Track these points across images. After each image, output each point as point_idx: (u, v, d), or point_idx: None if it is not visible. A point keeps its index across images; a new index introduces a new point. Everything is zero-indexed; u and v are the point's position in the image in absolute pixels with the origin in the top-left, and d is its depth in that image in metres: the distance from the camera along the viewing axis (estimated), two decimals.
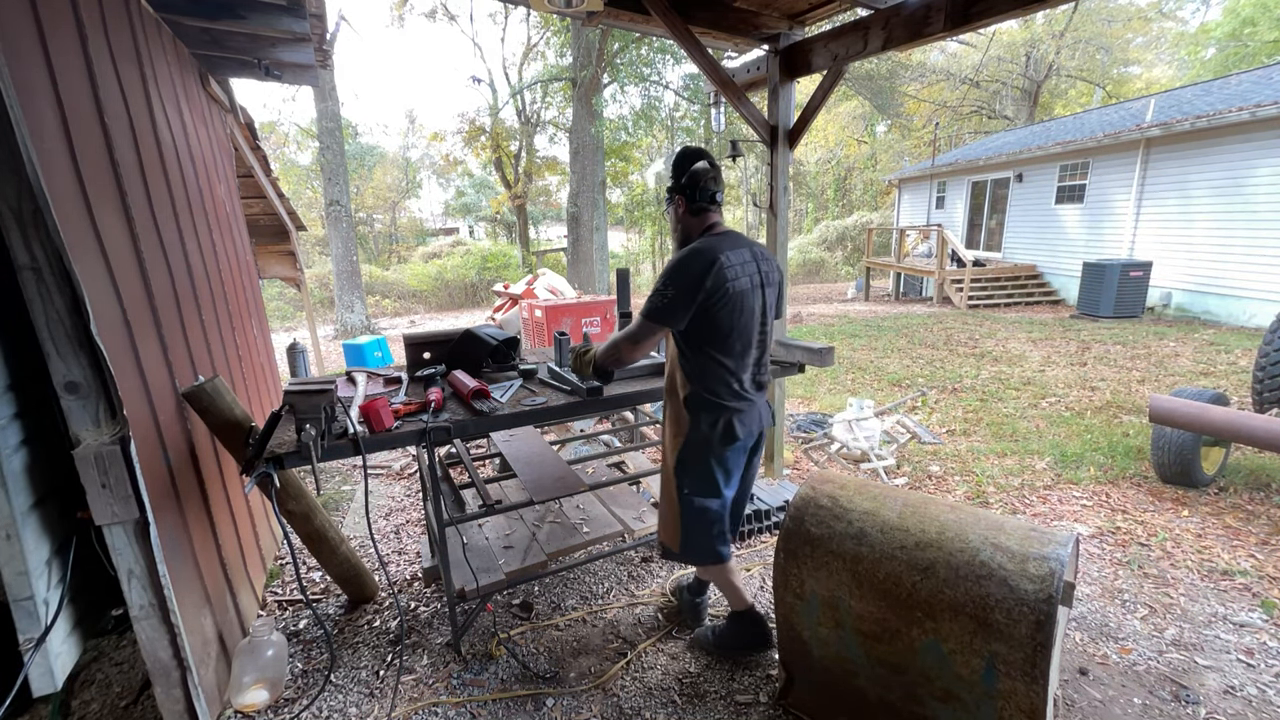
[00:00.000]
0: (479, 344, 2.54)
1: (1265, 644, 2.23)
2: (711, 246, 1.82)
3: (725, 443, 1.93)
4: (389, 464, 4.34)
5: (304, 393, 1.79)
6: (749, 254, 1.91)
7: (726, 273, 1.79)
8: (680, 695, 2.07)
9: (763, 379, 2.05)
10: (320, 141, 12.21)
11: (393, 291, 17.18)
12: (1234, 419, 3.03)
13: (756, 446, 2.13)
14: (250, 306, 3.51)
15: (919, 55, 21.04)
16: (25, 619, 1.47)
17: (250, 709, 2.01)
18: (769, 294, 1.98)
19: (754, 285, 1.90)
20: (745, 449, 2.04)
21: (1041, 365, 6.49)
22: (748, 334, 1.91)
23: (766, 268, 1.96)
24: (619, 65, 13.32)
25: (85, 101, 1.67)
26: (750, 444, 2.08)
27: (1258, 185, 8.23)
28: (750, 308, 1.90)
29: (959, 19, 2.42)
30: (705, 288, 1.77)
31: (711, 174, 1.93)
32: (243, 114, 4.00)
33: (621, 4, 2.86)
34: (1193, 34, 21.92)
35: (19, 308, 1.43)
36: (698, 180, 1.91)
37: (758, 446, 2.13)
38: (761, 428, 2.06)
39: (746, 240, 1.96)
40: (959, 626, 1.56)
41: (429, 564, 2.80)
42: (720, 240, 1.86)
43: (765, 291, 1.96)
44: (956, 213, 14.72)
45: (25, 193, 1.35)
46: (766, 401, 2.08)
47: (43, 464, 1.56)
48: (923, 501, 1.84)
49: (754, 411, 2.00)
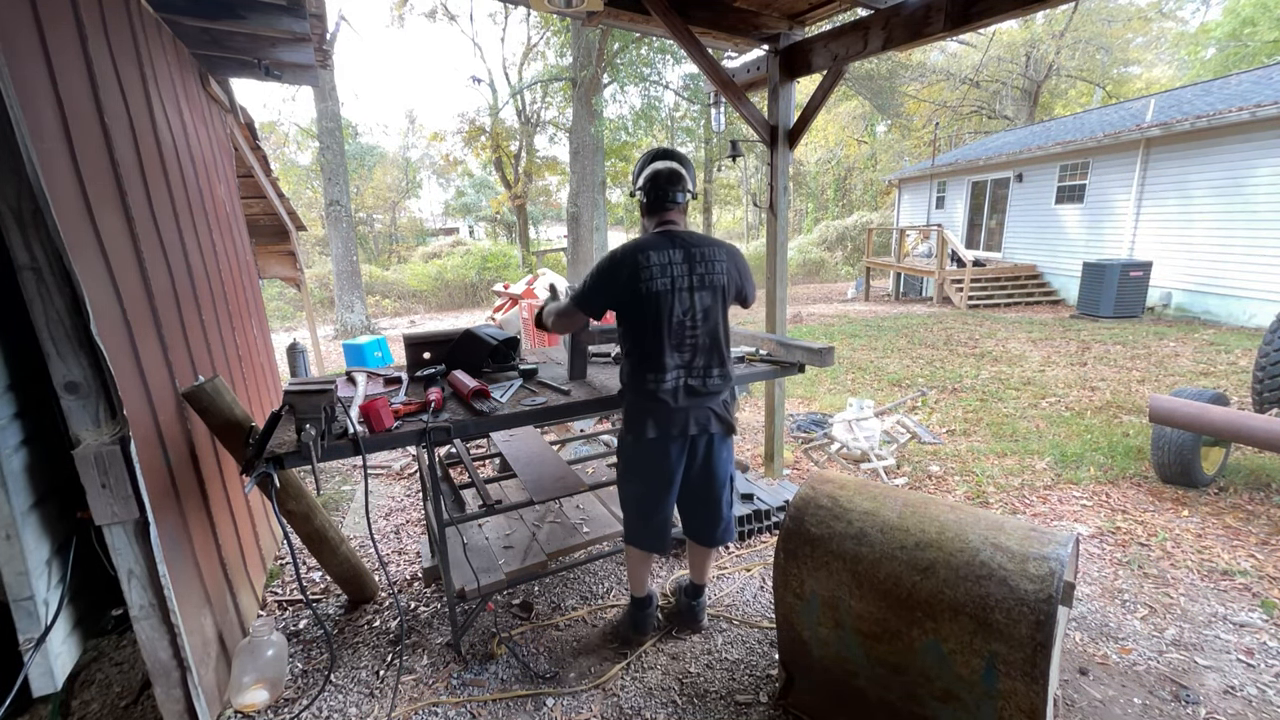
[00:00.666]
0: (479, 344, 2.54)
1: (1265, 644, 2.23)
2: (637, 247, 1.90)
3: (638, 438, 2.02)
4: (389, 464, 4.33)
5: (304, 393, 1.79)
6: (681, 255, 1.89)
7: (642, 273, 1.87)
8: (680, 695, 2.07)
9: (698, 383, 1.97)
10: (320, 141, 12.21)
11: (393, 291, 17.18)
12: (1234, 419, 3.03)
13: (708, 453, 2.06)
14: (250, 306, 3.51)
15: (919, 55, 21.04)
16: (25, 619, 1.47)
17: (250, 709, 2.01)
18: (701, 296, 1.91)
19: (678, 288, 1.88)
20: (667, 451, 2.00)
21: (1041, 365, 6.49)
22: (664, 335, 1.90)
23: (705, 270, 1.91)
24: (619, 65, 13.32)
25: (85, 101, 1.67)
26: (679, 447, 2.02)
27: (1258, 185, 8.23)
28: (670, 309, 1.88)
29: (959, 19, 2.42)
30: (620, 284, 1.90)
31: (667, 175, 1.95)
32: (243, 114, 4.00)
33: (621, 4, 2.86)
34: (1193, 34, 21.92)
35: (19, 308, 1.43)
36: (653, 181, 1.98)
37: (710, 453, 2.06)
38: (696, 432, 2.00)
39: (691, 240, 1.93)
40: (959, 626, 1.56)
41: (429, 564, 2.80)
42: (655, 239, 1.91)
43: (697, 294, 1.91)
44: (956, 213, 14.71)
45: (25, 193, 1.35)
46: (716, 408, 2.00)
47: (43, 464, 1.56)
48: (923, 501, 1.84)
49: (679, 415, 1.96)
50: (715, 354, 1.98)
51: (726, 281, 1.96)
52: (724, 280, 1.95)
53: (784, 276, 3.52)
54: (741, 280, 2.02)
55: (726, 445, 2.11)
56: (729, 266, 1.96)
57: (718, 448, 2.07)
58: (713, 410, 2.01)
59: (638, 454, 2.05)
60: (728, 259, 1.97)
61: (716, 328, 1.96)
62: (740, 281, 2.02)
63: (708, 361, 1.97)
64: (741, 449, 4.39)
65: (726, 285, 1.96)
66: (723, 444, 2.09)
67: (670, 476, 2.05)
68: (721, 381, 2.00)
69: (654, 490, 2.09)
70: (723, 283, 1.95)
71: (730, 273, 1.97)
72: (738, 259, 2.01)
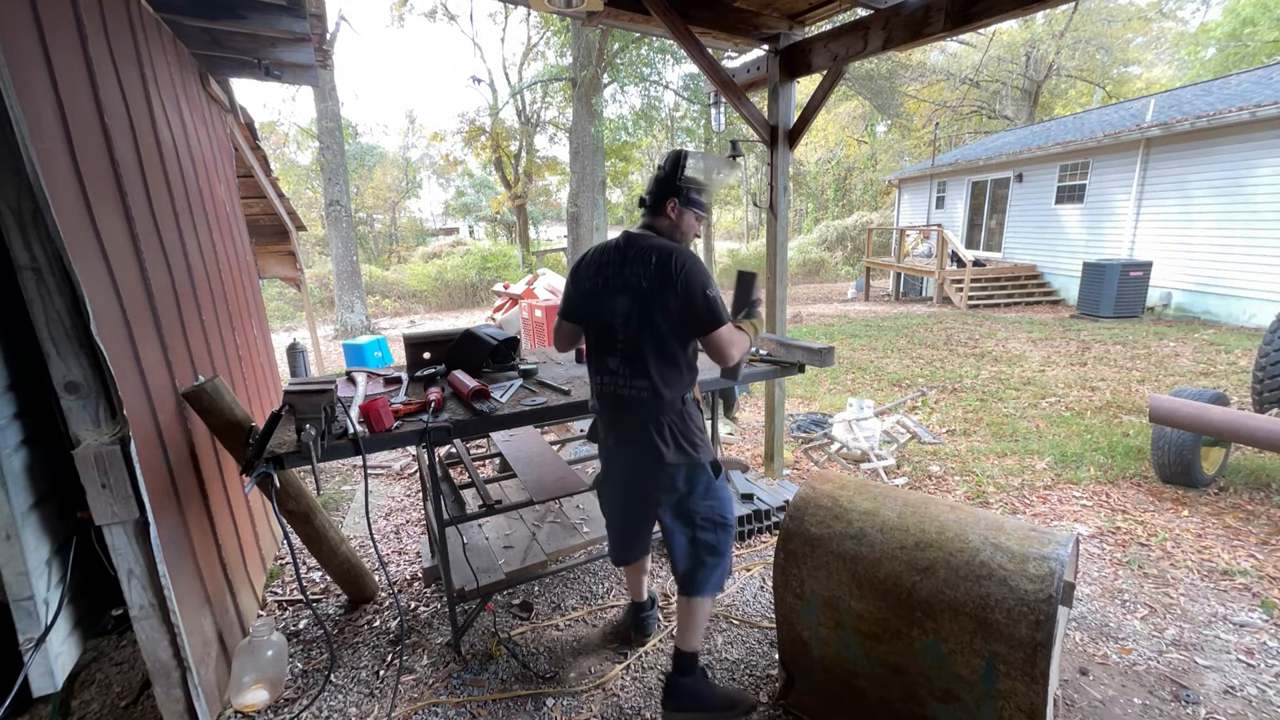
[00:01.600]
0: (479, 344, 2.54)
1: (1265, 644, 2.23)
2: (591, 249, 1.91)
3: (592, 437, 2.06)
4: (389, 464, 4.33)
5: (304, 393, 1.79)
6: (617, 256, 1.79)
7: (580, 272, 1.88)
8: None
9: (623, 392, 1.79)
10: (320, 141, 12.21)
11: (393, 291, 17.18)
12: (1234, 419, 3.03)
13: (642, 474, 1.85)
14: (250, 306, 3.51)
15: (919, 55, 21.03)
16: (25, 619, 1.47)
17: (250, 709, 2.01)
18: (621, 300, 1.75)
19: (607, 289, 1.79)
20: (604, 458, 1.98)
21: (1041, 365, 6.49)
22: (592, 336, 1.88)
23: (632, 271, 1.74)
24: (619, 65, 13.32)
25: (85, 101, 1.67)
26: (612, 457, 1.93)
27: (1258, 185, 8.23)
28: (597, 310, 1.82)
29: (959, 19, 2.42)
30: (571, 285, 1.92)
31: (653, 176, 1.89)
32: (243, 114, 4.00)
33: (621, 4, 2.86)
34: (1193, 34, 21.92)
35: (19, 308, 1.43)
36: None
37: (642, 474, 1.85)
38: (613, 444, 1.88)
39: (636, 242, 1.78)
40: (959, 626, 1.56)
41: (429, 564, 2.80)
42: (610, 241, 1.88)
43: (619, 297, 1.76)
44: (956, 213, 14.71)
45: (25, 193, 1.35)
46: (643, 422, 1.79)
47: (43, 464, 1.56)
48: (923, 501, 1.84)
49: (603, 421, 1.91)
50: (639, 364, 1.76)
51: (647, 287, 1.71)
52: (643, 285, 1.72)
53: (784, 276, 3.52)
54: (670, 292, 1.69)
55: (674, 473, 1.80)
56: (654, 272, 1.71)
57: (652, 470, 1.81)
58: (639, 425, 1.79)
59: (601, 453, 2.03)
60: (656, 264, 1.71)
61: (639, 335, 1.74)
62: (668, 294, 1.69)
63: (631, 370, 1.78)
64: (741, 449, 4.39)
65: (648, 291, 1.71)
66: (659, 468, 1.79)
67: (613, 485, 2.02)
68: (648, 395, 1.76)
69: (604, 496, 2.11)
70: (641, 287, 1.72)
71: (654, 279, 1.70)
72: (670, 266, 1.69)
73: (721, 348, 1.73)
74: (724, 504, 1.91)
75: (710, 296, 1.69)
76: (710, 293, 1.70)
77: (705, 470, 1.84)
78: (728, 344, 1.74)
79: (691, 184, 1.82)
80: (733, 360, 1.78)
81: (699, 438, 1.83)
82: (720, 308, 1.71)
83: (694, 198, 1.84)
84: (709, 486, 1.86)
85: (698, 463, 1.81)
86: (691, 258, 1.74)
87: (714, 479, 1.87)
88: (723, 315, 1.72)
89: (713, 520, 1.88)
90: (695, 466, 1.82)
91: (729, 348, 1.74)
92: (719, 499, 1.90)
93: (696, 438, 1.82)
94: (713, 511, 1.88)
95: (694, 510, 1.86)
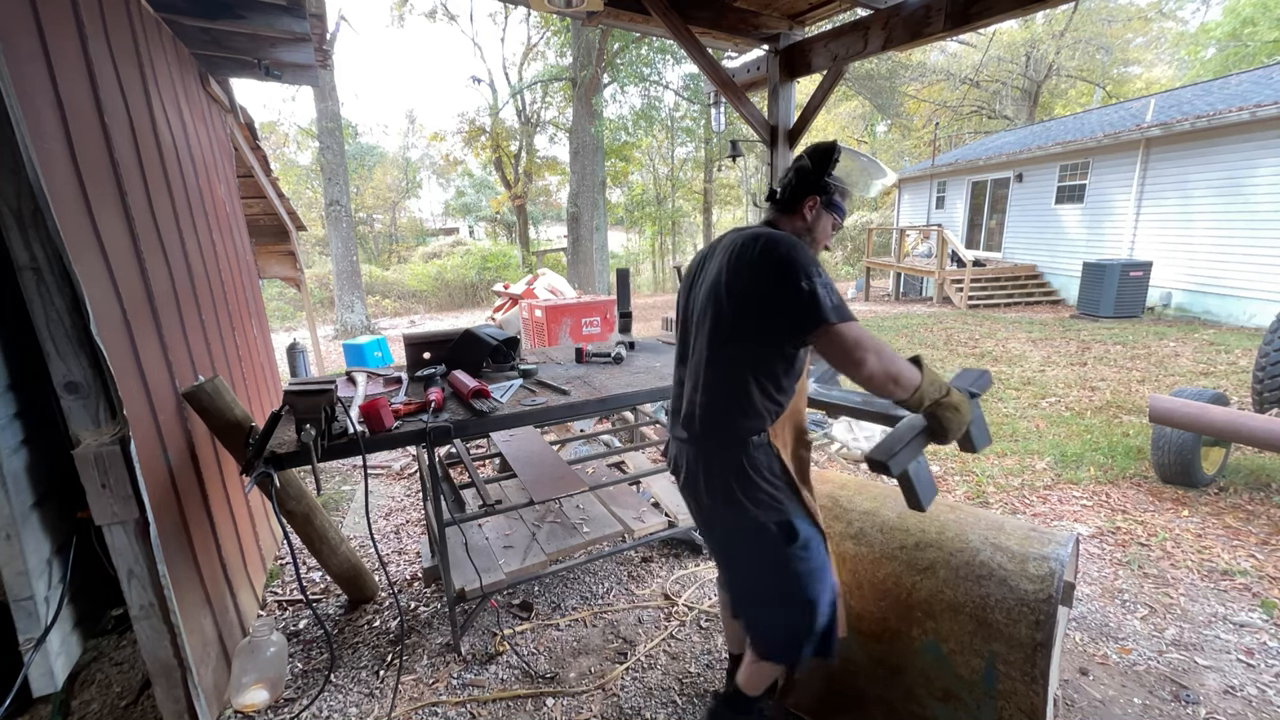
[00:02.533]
0: (479, 344, 2.54)
1: (1265, 644, 2.23)
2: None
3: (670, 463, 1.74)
4: (389, 464, 4.33)
5: (304, 393, 1.79)
6: (708, 250, 1.55)
7: (689, 264, 1.65)
8: (680, 695, 2.07)
9: (681, 407, 1.52)
10: (320, 141, 12.22)
11: (393, 291, 17.20)
12: (1234, 419, 3.03)
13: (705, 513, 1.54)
14: (250, 306, 3.51)
15: (919, 55, 21.04)
16: (25, 619, 1.47)
17: (250, 709, 2.01)
18: (697, 296, 1.50)
19: (689, 284, 1.58)
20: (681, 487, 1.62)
21: (1041, 365, 6.49)
22: (678, 343, 1.62)
23: (715, 261, 1.46)
24: (619, 65, 13.33)
25: (85, 101, 1.67)
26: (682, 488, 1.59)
27: (1258, 185, 8.23)
28: (681, 311, 1.60)
29: (959, 19, 2.42)
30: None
31: (794, 167, 1.57)
32: (243, 114, 4.00)
33: (621, 4, 2.86)
34: (1193, 34, 21.92)
35: (19, 308, 1.43)
36: None
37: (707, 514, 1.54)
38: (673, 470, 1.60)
39: (738, 232, 1.49)
40: (959, 626, 1.56)
41: (429, 564, 2.80)
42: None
43: (696, 293, 1.51)
44: (956, 213, 14.71)
45: (25, 193, 1.35)
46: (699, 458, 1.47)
47: (43, 464, 1.56)
48: None
49: (672, 449, 1.60)
50: (698, 374, 1.46)
51: (724, 279, 1.40)
52: (721, 276, 1.41)
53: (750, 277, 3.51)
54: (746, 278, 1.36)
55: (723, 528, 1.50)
56: (734, 257, 1.40)
57: (702, 516, 1.55)
58: (686, 454, 1.51)
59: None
60: (740, 248, 1.40)
61: (705, 340, 1.45)
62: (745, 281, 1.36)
63: (692, 382, 1.49)
64: None
65: (724, 285, 1.40)
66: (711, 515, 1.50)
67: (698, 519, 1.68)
68: (701, 416, 1.44)
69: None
70: (719, 280, 1.42)
71: (732, 266, 1.39)
72: (754, 246, 1.37)
73: (846, 351, 1.29)
74: (796, 578, 1.42)
75: (817, 284, 1.28)
76: (812, 281, 1.28)
77: (767, 533, 1.40)
78: (853, 347, 1.28)
79: (839, 184, 1.51)
80: (867, 366, 1.29)
81: (763, 488, 1.39)
82: (831, 298, 1.29)
83: (837, 201, 1.52)
84: (768, 555, 1.42)
85: (756, 522, 1.39)
86: (788, 239, 1.36)
87: (784, 545, 1.40)
88: (840, 309, 1.29)
89: (779, 594, 1.44)
90: (748, 527, 1.41)
91: (856, 352, 1.28)
92: (787, 570, 1.42)
93: (759, 488, 1.39)
94: (779, 584, 1.44)
95: (745, 580, 1.50)
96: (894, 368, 1.33)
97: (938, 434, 1.42)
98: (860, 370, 1.30)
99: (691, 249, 24.50)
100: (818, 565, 1.44)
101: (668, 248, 22.77)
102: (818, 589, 1.44)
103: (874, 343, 1.30)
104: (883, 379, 1.32)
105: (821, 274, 1.30)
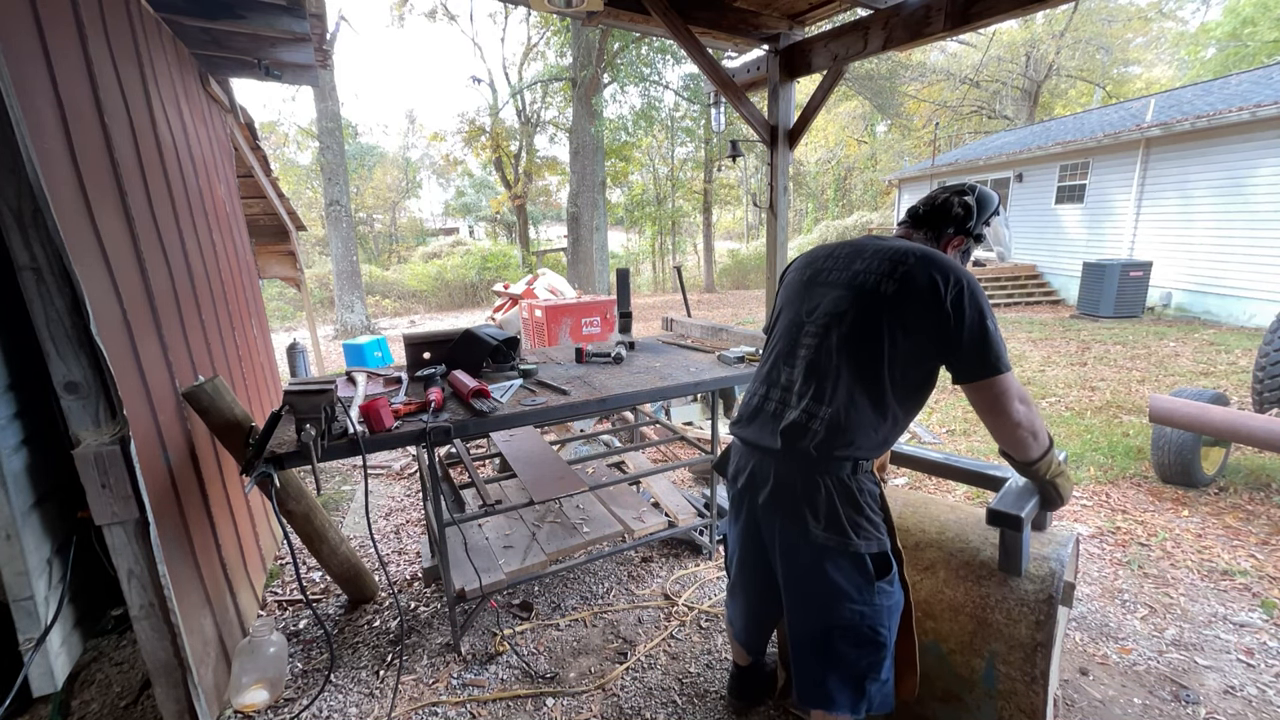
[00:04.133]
0: (479, 344, 2.54)
1: (1265, 644, 2.23)
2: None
3: (720, 468, 1.63)
4: (389, 464, 4.33)
5: (304, 393, 1.79)
6: (848, 251, 1.46)
7: (788, 271, 1.61)
8: (680, 695, 2.07)
9: (788, 415, 1.36)
10: (320, 141, 12.22)
11: (393, 291, 17.20)
12: (1234, 419, 3.03)
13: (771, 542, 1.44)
14: (250, 306, 3.51)
15: (919, 55, 21.04)
16: (25, 619, 1.47)
17: (250, 709, 2.01)
18: (834, 296, 1.39)
19: (815, 281, 1.46)
20: (732, 498, 1.55)
21: (1041, 365, 6.49)
22: (779, 339, 1.51)
23: (867, 267, 1.37)
24: (619, 65, 13.33)
25: (85, 101, 1.67)
26: (736, 499, 1.52)
27: (1258, 185, 8.23)
28: (792, 303, 1.49)
29: (959, 19, 2.42)
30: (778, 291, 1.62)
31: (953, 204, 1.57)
32: (243, 114, 4.00)
33: (621, 4, 2.86)
34: (1193, 34, 21.93)
35: (19, 308, 1.43)
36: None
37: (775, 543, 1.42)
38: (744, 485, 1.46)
39: (876, 240, 1.45)
40: (959, 626, 1.56)
41: (429, 564, 2.80)
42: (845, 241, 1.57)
43: (832, 292, 1.41)
44: None
45: (25, 193, 1.35)
46: (789, 468, 1.35)
47: (43, 464, 1.56)
48: (923, 501, 1.84)
49: (751, 454, 1.46)
50: (825, 383, 1.34)
51: (886, 290, 1.31)
52: (880, 287, 1.32)
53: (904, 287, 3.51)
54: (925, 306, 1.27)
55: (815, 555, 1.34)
56: (904, 275, 1.31)
57: (791, 540, 1.38)
58: (787, 470, 1.36)
59: (730, 493, 1.61)
60: (914, 266, 1.31)
61: (842, 346, 1.34)
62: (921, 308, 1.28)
63: (808, 389, 1.36)
64: None
65: (884, 296, 1.31)
66: (799, 540, 1.36)
67: (742, 542, 1.56)
68: (819, 430, 1.31)
69: (730, 544, 1.66)
70: (876, 288, 1.33)
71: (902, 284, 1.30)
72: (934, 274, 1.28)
73: (1001, 402, 1.27)
74: (878, 613, 1.35)
75: (991, 329, 1.26)
76: (991, 324, 1.26)
77: (863, 564, 1.33)
78: (1011, 398, 1.27)
79: (983, 236, 1.54)
80: (1016, 417, 1.28)
81: (865, 517, 1.33)
82: (1002, 347, 1.27)
83: (971, 250, 1.55)
84: (860, 586, 1.33)
85: (852, 550, 1.31)
86: (969, 274, 1.31)
87: (875, 578, 1.34)
88: (1004, 358, 1.26)
89: (856, 630, 1.35)
90: (845, 555, 1.32)
91: (1013, 403, 1.27)
92: (872, 606, 1.34)
93: (862, 516, 1.32)
94: (859, 620, 1.34)
95: (829, 611, 1.36)
96: (1040, 422, 1.32)
97: (1051, 501, 1.46)
98: (1008, 420, 1.29)
99: (691, 249, 24.49)
100: (896, 602, 1.39)
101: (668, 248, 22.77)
102: (890, 626, 1.39)
103: (1025, 392, 1.30)
104: (1028, 431, 1.31)
105: (994, 315, 1.29)
